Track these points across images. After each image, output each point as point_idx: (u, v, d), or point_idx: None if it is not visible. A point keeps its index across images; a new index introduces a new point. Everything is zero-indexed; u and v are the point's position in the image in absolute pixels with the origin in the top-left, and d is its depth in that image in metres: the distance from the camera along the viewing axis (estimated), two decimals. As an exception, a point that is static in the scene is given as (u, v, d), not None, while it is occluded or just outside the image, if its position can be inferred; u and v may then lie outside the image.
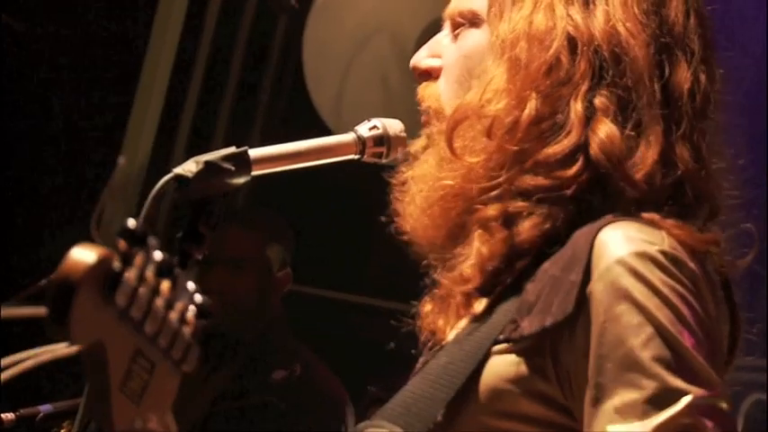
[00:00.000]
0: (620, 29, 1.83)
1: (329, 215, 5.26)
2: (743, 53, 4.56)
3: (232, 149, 1.91)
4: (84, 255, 1.38)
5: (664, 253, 1.70)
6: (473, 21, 1.95)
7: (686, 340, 1.65)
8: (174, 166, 5.51)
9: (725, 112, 1.90)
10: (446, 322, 1.90)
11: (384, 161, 2.04)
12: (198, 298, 1.54)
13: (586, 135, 1.78)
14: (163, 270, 1.47)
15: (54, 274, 1.37)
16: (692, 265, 1.72)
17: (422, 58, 2.01)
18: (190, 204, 1.88)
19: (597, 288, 1.69)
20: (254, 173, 1.92)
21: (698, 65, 1.86)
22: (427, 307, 1.96)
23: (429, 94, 1.98)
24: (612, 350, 1.66)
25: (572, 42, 1.83)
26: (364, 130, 2.02)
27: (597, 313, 1.68)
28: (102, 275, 1.39)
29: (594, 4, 1.85)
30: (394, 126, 2.03)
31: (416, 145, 1.98)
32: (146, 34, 5.16)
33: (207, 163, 1.87)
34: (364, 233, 4.24)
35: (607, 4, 1.85)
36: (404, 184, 1.95)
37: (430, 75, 1.99)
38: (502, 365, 1.74)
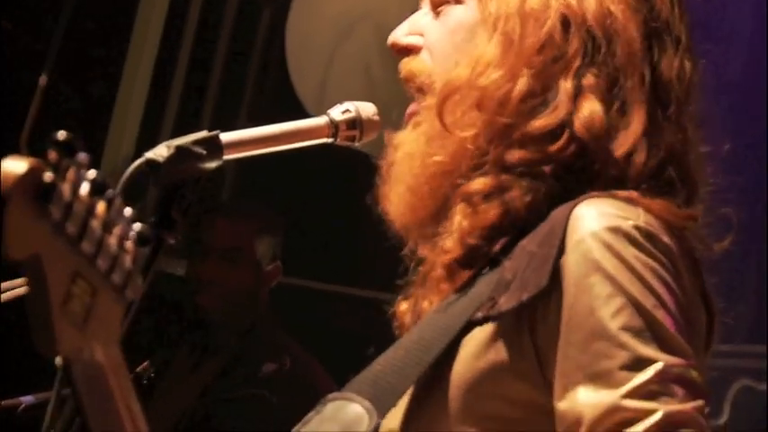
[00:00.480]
0: (613, 10, 1.84)
1: (315, 204, 5.25)
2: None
3: (203, 133, 1.90)
4: (14, 165, 1.35)
5: (638, 228, 1.70)
6: None
7: (657, 312, 1.65)
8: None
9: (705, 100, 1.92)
10: (429, 302, 1.90)
11: (357, 144, 2.03)
12: (137, 225, 1.51)
13: (571, 111, 1.80)
14: (97, 188, 1.44)
15: None
16: (666, 239, 1.72)
17: (401, 35, 2.00)
18: (161, 189, 1.87)
19: (569, 260, 1.69)
20: (226, 157, 1.91)
21: (683, 52, 1.88)
22: (403, 306, 1.96)
23: (418, 68, 1.95)
24: (583, 321, 1.66)
25: (565, 21, 1.84)
26: (337, 113, 2.00)
27: (568, 285, 1.68)
28: (35, 185, 1.35)
29: None
30: (367, 109, 2.02)
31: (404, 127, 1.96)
32: (129, 26, 5.15)
33: (178, 147, 1.86)
34: (351, 222, 4.24)
35: None
36: (391, 165, 1.94)
37: (410, 51, 1.98)
38: (478, 343, 1.73)
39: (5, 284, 1.82)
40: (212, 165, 1.90)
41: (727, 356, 4.33)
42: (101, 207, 1.45)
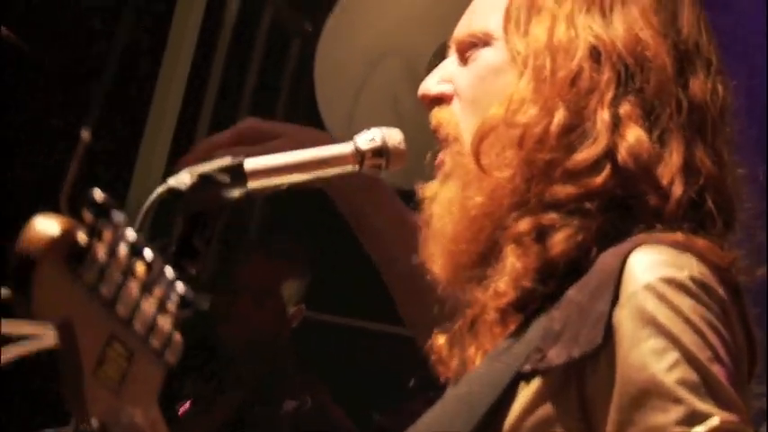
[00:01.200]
0: (643, 36, 1.83)
1: (339, 237, 5.23)
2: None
3: (227, 160, 1.87)
4: (46, 225, 1.32)
5: (693, 279, 1.67)
6: (485, 41, 1.92)
7: (713, 366, 1.62)
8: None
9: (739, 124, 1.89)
10: (478, 347, 1.85)
11: (383, 173, 2.01)
12: (180, 287, 1.49)
13: (614, 141, 1.77)
14: (136, 250, 1.41)
15: (16, 246, 1.31)
16: (720, 291, 1.69)
17: (432, 85, 1.99)
18: (184, 217, 1.84)
19: (623, 314, 1.66)
20: (251, 185, 1.88)
21: (715, 75, 1.86)
22: (440, 340, 1.92)
23: (446, 118, 1.94)
24: (636, 375, 1.62)
25: (595, 51, 1.82)
26: (363, 141, 1.98)
27: (621, 338, 1.64)
28: (67, 247, 1.33)
29: (612, 14, 1.85)
30: (393, 137, 2.00)
31: (433, 189, 1.94)
32: (158, 61, 5.16)
33: (201, 175, 1.83)
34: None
35: (625, 14, 1.85)
36: (429, 220, 1.91)
37: (441, 101, 1.97)
38: (527, 398, 1.70)
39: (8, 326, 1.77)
40: (236, 193, 1.86)
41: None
42: (140, 268, 1.43)
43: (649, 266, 1.67)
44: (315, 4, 5.57)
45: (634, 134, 1.77)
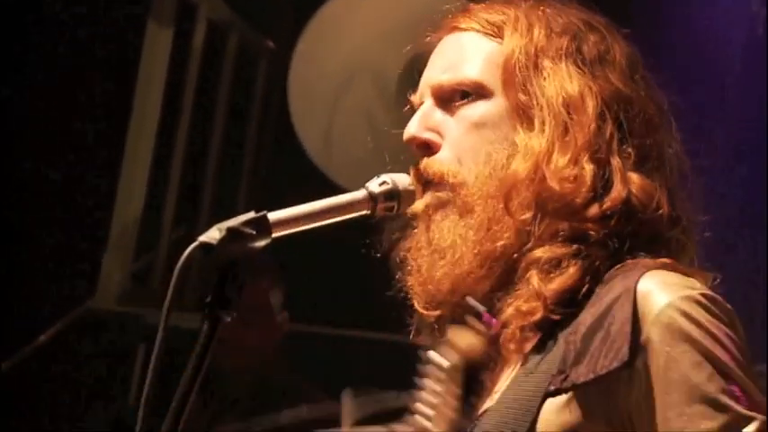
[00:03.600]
0: (628, 91, 2.03)
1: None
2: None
3: (251, 214, 1.98)
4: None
5: (704, 295, 1.88)
6: (479, 93, 2.06)
7: (741, 373, 1.83)
8: (167, 215, 5.55)
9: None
10: (496, 373, 2.01)
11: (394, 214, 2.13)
12: None
13: (627, 187, 1.96)
14: None
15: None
16: (726, 303, 1.90)
17: (419, 131, 2.09)
18: (215, 270, 1.96)
19: (654, 332, 1.84)
20: (274, 235, 2.00)
21: (674, 129, 2.09)
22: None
23: (441, 168, 2.06)
24: (679, 387, 1.81)
25: (600, 106, 2.00)
26: (374, 186, 2.09)
27: (656, 355, 1.83)
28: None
29: (602, 73, 2.03)
30: (403, 180, 2.10)
31: (419, 206, 2.08)
32: (130, 90, 5.26)
33: (229, 229, 1.95)
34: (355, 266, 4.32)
35: (610, 73, 2.03)
36: (429, 253, 2.05)
37: (429, 147, 2.08)
38: (554, 415, 1.87)
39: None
40: (261, 243, 1.98)
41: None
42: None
43: (664, 287, 1.88)
44: (278, 25, 5.69)
45: (638, 180, 1.98)
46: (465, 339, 1.58)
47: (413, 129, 2.10)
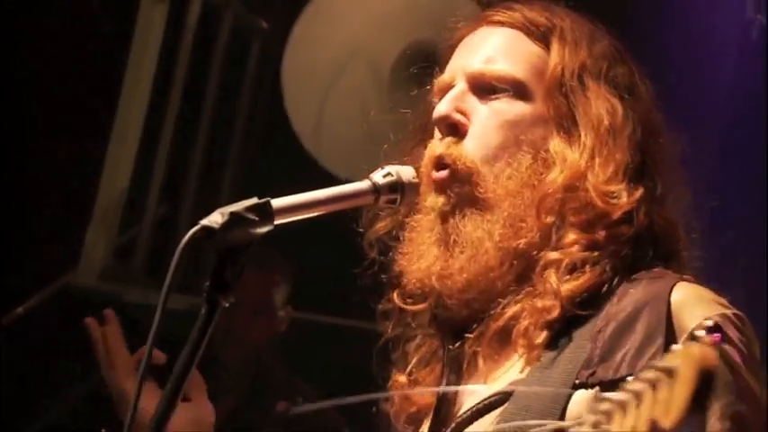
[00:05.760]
0: (654, 124, 2.12)
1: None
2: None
3: (255, 200, 1.97)
4: None
5: (736, 315, 1.94)
6: (520, 91, 2.10)
7: (760, 392, 1.86)
8: (152, 193, 5.53)
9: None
10: (496, 355, 2.04)
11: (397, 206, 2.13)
12: None
13: (652, 216, 2.05)
14: None
15: None
16: (750, 324, 1.95)
17: (451, 111, 2.11)
18: (216, 254, 1.94)
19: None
20: (277, 222, 1.99)
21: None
22: (402, 378, 2.17)
23: (461, 155, 2.09)
24: (710, 405, 1.82)
25: (637, 130, 2.08)
26: (379, 177, 2.09)
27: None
28: None
29: (634, 96, 2.11)
30: (407, 173, 2.10)
31: (436, 201, 2.11)
32: (121, 68, 5.24)
33: (232, 214, 1.94)
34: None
35: (640, 98, 2.12)
36: (450, 243, 2.07)
37: (457, 129, 2.10)
38: (579, 405, 1.89)
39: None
40: (264, 230, 1.97)
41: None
42: None
43: (701, 301, 1.95)
44: (272, 7, 5.67)
45: (661, 210, 2.06)
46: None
47: (444, 108, 2.12)
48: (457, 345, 2.10)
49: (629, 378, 1.86)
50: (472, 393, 2.04)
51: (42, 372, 5.25)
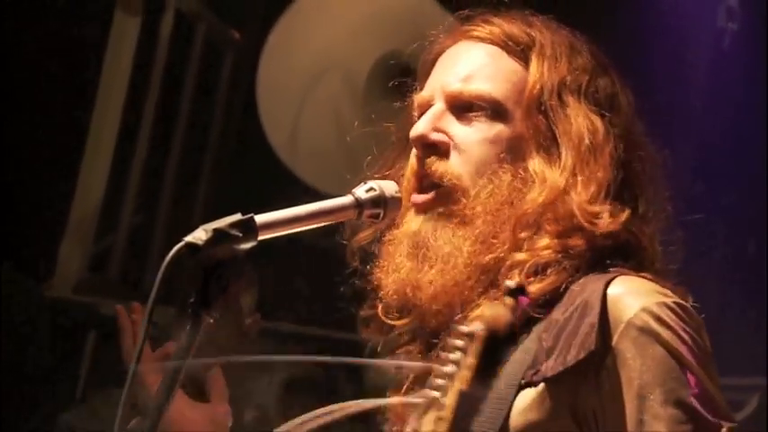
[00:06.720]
0: (633, 137, 2.13)
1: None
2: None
3: (238, 216, 1.98)
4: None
5: (676, 303, 1.96)
6: (497, 111, 2.11)
7: (710, 381, 1.91)
8: (127, 205, 5.50)
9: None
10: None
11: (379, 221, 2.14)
12: None
13: (630, 230, 2.06)
14: None
15: None
16: (696, 313, 1.98)
17: (428, 131, 2.12)
18: (200, 270, 1.95)
19: (627, 335, 1.92)
20: (260, 237, 2.00)
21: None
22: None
23: (447, 171, 2.10)
24: (652, 390, 1.89)
25: (617, 146, 2.09)
26: (361, 192, 2.10)
27: (631, 356, 1.91)
28: None
29: (615, 110, 2.12)
30: (389, 187, 2.12)
31: (417, 221, 2.12)
32: (95, 79, 5.23)
33: (215, 230, 1.95)
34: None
35: (621, 116, 2.13)
36: (402, 251, 2.10)
37: (437, 148, 2.11)
38: (526, 405, 1.93)
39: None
40: (247, 245, 1.98)
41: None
42: None
43: (637, 292, 1.96)
44: (246, 18, 5.67)
45: (639, 224, 2.07)
46: (492, 310, 1.59)
47: (422, 128, 2.13)
48: (430, 354, 2.11)
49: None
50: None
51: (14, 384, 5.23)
